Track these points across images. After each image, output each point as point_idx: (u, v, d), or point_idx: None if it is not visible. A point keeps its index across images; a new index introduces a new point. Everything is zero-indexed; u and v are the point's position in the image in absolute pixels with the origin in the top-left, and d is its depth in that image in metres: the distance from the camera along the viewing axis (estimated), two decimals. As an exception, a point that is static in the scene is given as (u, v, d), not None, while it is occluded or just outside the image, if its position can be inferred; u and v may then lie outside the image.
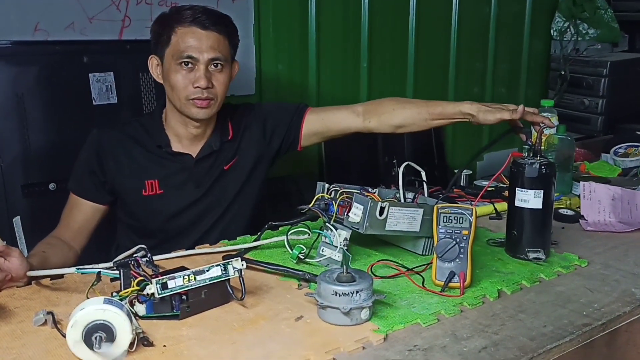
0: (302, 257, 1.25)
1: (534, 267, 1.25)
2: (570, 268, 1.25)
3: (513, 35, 3.18)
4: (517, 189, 1.27)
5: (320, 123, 1.62)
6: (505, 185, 1.81)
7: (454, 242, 1.14)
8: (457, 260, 1.14)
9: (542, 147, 1.30)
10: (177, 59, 1.41)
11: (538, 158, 1.26)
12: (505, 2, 3.08)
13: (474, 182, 1.88)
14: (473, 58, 3.02)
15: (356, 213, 1.22)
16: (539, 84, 3.28)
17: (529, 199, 1.25)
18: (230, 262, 1.05)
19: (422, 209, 1.27)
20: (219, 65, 1.44)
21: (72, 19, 1.92)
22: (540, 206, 1.25)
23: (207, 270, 1.03)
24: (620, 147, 2.14)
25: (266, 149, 1.62)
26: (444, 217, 1.17)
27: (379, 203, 1.22)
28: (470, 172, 1.91)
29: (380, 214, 1.22)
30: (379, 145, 2.60)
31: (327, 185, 1.34)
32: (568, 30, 3.12)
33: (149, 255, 1.07)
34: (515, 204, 1.28)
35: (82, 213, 1.49)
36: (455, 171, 1.90)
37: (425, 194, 1.43)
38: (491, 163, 2.86)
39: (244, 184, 1.58)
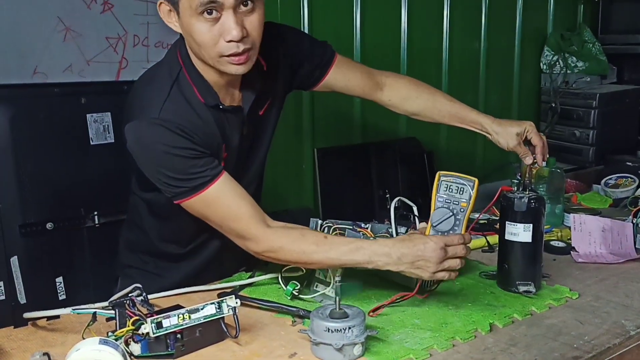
0: (296, 293, 1.26)
1: (525, 300, 1.26)
2: (561, 300, 1.27)
3: (503, 68, 3.24)
4: (506, 222, 1.29)
5: (343, 83, 1.48)
6: (497, 218, 1.83)
7: (451, 213, 1.15)
8: (451, 232, 1.15)
9: (532, 180, 1.33)
10: (196, 8, 1.11)
11: (527, 192, 1.29)
12: (494, 37, 3.14)
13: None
14: (464, 91, 3.07)
15: (348, 249, 1.24)
16: (530, 116, 3.32)
17: (519, 232, 1.28)
18: (224, 300, 1.06)
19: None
20: (249, 3, 1.14)
21: (70, 62, 1.96)
22: (529, 239, 1.27)
23: (202, 309, 1.04)
24: (610, 178, 2.17)
25: (288, 86, 1.43)
26: (445, 184, 1.18)
27: (370, 239, 1.24)
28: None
29: (374, 248, 1.24)
30: (373, 179, 2.63)
31: (320, 222, 1.37)
32: (557, 63, 3.19)
33: (144, 294, 1.08)
34: (506, 238, 1.30)
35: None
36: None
37: (418, 228, 1.45)
38: (484, 194, 2.88)
39: (273, 131, 1.40)
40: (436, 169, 2.89)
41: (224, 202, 1.19)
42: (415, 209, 1.47)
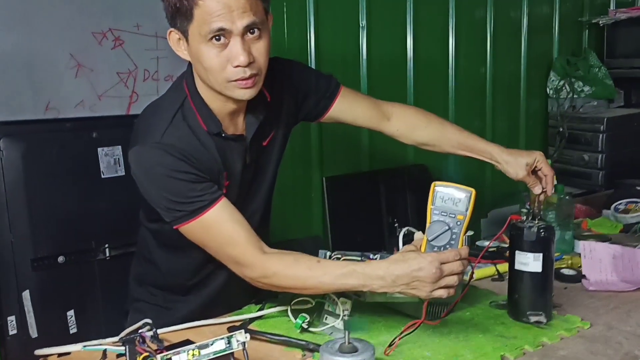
0: (306, 326, 1.26)
1: (537, 330, 1.25)
2: (572, 331, 1.26)
3: (510, 93, 3.25)
4: (516, 252, 1.29)
5: (349, 114, 1.49)
6: (506, 246, 1.83)
7: (447, 226, 1.12)
8: (447, 247, 1.13)
9: (541, 209, 1.33)
10: (205, 35, 1.13)
11: (536, 221, 1.29)
12: (500, 62, 3.15)
13: (476, 243, 1.90)
14: (472, 116, 3.08)
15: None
16: (538, 140, 3.33)
17: (529, 262, 1.27)
18: (234, 335, 1.06)
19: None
20: (256, 31, 1.16)
21: (82, 97, 2.00)
22: (539, 269, 1.27)
23: (212, 344, 1.04)
24: (620, 203, 2.17)
25: (293, 119, 1.44)
26: (440, 196, 1.13)
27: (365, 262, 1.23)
28: (472, 232, 1.93)
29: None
30: (382, 206, 2.63)
31: (328, 253, 1.37)
32: (563, 88, 3.19)
33: (154, 330, 1.08)
34: (516, 267, 1.29)
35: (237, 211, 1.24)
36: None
37: (414, 239, 1.45)
38: (495, 220, 2.88)
39: (278, 163, 1.41)
40: (445, 196, 2.91)
41: (221, 227, 1.21)
42: (419, 234, 1.47)
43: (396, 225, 2.44)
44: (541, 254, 1.27)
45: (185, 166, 1.19)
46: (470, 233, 1.94)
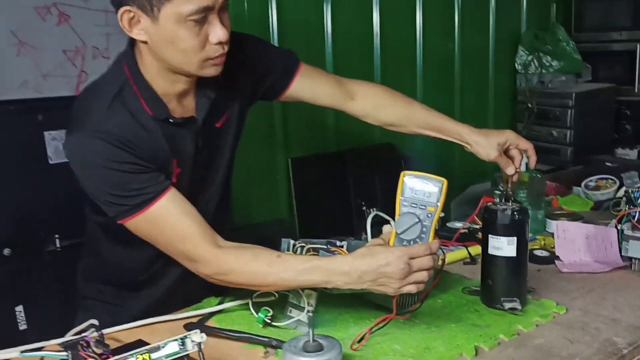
0: (269, 321, 1.18)
1: (511, 317, 1.20)
2: (548, 317, 1.20)
3: (478, 69, 3.20)
4: (489, 236, 1.22)
5: (310, 93, 1.39)
6: (478, 227, 1.77)
7: (417, 219, 1.05)
8: (417, 240, 1.06)
9: (514, 191, 1.27)
10: (188, 14, 1.04)
11: (510, 204, 1.23)
12: (468, 37, 3.10)
13: (447, 224, 1.84)
14: (439, 93, 3.02)
15: (323, 271, 1.16)
16: (507, 116, 3.29)
17: (502, 246, 1.21)
18: (188, 336, 0.97)
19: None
20: (225, 3, 1.10)
21: (25, 77, 1.85)
22: (514, 253, 1.21)
23: (163, 347, 0.95)
24: (590, 180, 2.13)
25: (248, 99, 1.34)
26: (410, 186, 1.07)
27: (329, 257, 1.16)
28: (443, 214, 1.87)
29: (348, 271, 1.16)
30: (350, 187, 2.56)
31: (291, 242, 1.28)
32: (532, 63, 3.15)
33: (99, 332, 0.99)
34: (489, 252, 1.23)
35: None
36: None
37: (382, 233, 1.38)
38: (466, 199, 2.84)
39: (234, 146, 1.32)
40: (414, 175, 2.84)
41: (170, 220, 1.11)
42: (393, 223, 1.40)
43: (364, 208, 2.37)
44: (515, 238, 1.20)
45: (126, 155, 1.09)
46: (441, 215, 1.89)
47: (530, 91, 3.09)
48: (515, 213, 1.21)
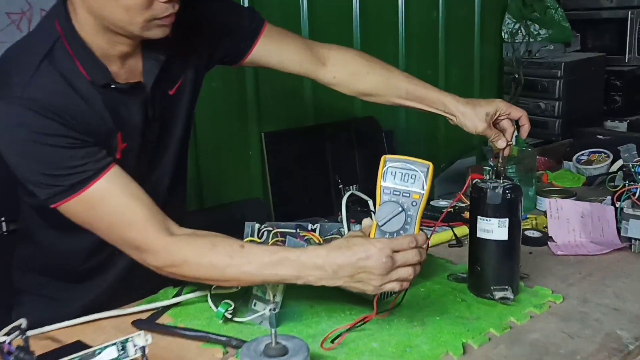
0: (230, 316, 1.04)
1: (503, 308, 1.07)
2: (543, 307, 1.08)
3: (463, 39, 3.06)
4: (478, 217, 1.09)
5: (276, 57, 1.24)
6: (465, 205, 1.64)
7: (401, 208, 0.93)
8: (401, 232, 0.94)
9: (505, 167, 1.13)
10: None
11: (501, 181, 1.09)
12: (453, 6, 2.95)
13: (431, 203, 1.70)
14: (424, 65, 2.88)
15: (290, 260, 1.02)
16: (493, 88, 3.16)
17: (493, 229, 1.08)
18: (130, 339, 0.83)
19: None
20: None
21: (-37, 42, 1.67)
22: (505, 237, 1.08)
23: (99, 353, 0.81)
24: (582, 154, 2.01)
25: (205, 63, 1.20)
26: (391, 172, 0.95)
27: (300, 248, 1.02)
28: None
29: (319, 259, 1.02)
30: (329, 163, 2.41)
31: (257, 226, 1.15)
32: (519, 31, 3.01)
33: (23, 336, 0.84)
34: (477, 235, 1.10)
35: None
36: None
37: (362, 227, 1.24)
38: (450, 175, 2.71)
39: (190, 115, 1.17)
40: (396, 150, 2.70)
41: (111, 203, 0.95)
42: (371, 203, 1.26)
43: (341, 186, 2.23)
44: (507, 219, 1.07)
45: (59, 127, 0.92)
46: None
47: (517, 61, 2.95)
48: (507, 191, 1.07)
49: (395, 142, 2.58)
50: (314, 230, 1.19)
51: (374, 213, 1.25)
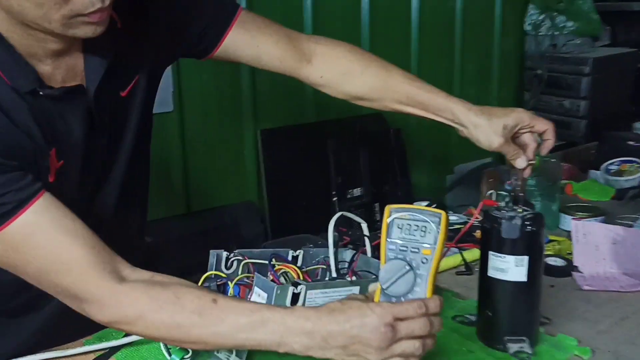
0: (185, 368, 0.86)
1: (517, 365, 0.88)
2: (568, 365, 0.88)
3: (482, 31, 2.86)
4: (490, 253, 0.89)
5: (251, 51, 1.05)
6: (477, 221, 1.45)
7: (408, 266, 0.76)
8: (410, 295, 0.76)
9: (525, 188, 0.93)
10: None
11: (519, 208, 0.89)
12: (471, -6, 2.75)
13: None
14: (438, 57, 2.69)
15: (256, 301, 0.84)
16: (512, 85, 2.96)
17: (508, 268, 0.88)
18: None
19: (358, 287, 0.90)
20: None
21: None
22: (524, 278, 0.88)
23: None
24: (612, 164, 1.79)
25: (166, 57, 1.04)
26: (397, 225, 0.78)
27: (290, 289, 0.83)
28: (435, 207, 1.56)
29: (294, 302, 0.84)
30: (331, 164, 2.23)
31: (225, 254, 0.96)
32: (543, 23, 2.79)
33: None
34: (489, 274, 0.90)
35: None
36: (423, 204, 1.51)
37: (368, 252, 1.06)
38: (464, 179, 2.51)
39: (147, 117, 0.99)
40: (405, 150, 2.51)
41: (40, 243, 0.76)
42: (364, 227, 1.07)
43: (334, 197, 2.04)
44: (527, 257, 0.88)
45: None
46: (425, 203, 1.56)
47: (541, 56, 2.74)
48: (527, 223, 0.88)
49: (403, 142, 2.39)
50: (295, 259, 1.00)
51: (369, 239, 1.06)
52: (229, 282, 0.88)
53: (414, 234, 0.76)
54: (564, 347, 0.93)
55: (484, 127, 0.99)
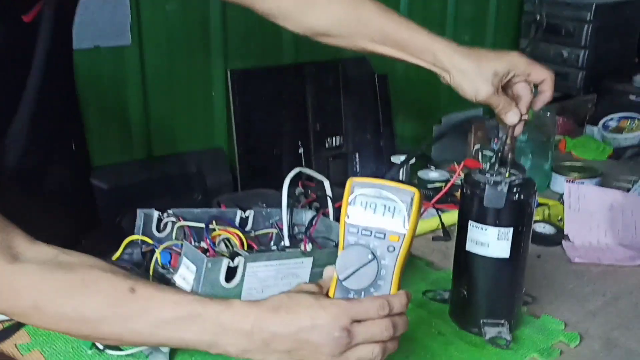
0: (101, 347, 0.73)
1: (493, 353, 0.75)
2: (552, 354, 0.76)
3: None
4: (470, 223, 0.76)
5: None
6: (460, 180, 1.31)
7: (372, 254, 0.61)
8: (372, 290, 0.61)
9: (513, 152, 0.79)
10: None
11: (506, 171, 0.75)
12: None
13: (418, 174, 1.36)
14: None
15: (185, 277, 0.70)
16: (509, 30, 2.75)
17: (489, 241, 0.75)
18: None
19: (311, 258, 0.76)
20: None
21: None
22: (507, 254, 0.75)
23: None
24: (611, 119, 1.65)
25: None
26: (360, 201, 0.62)
27: (224, 261, 0.69)
28: (413, 161, 1.41)
29: (230, 277, 0.70)
30: (308, 111, 2.06)
31: (156, 214, 0.81)
32: (545, -37, 2.58)
33: None
34: (467, 248, 0.77)
35: None
36: (401, 159, 1.37)
37: (331, 216, 0.91)
38: (449, 131, 2.36)
39: (58, 50, 0.83)
40: (390, 97, 2.34)
41: None
42: (327, 184, 0.93)
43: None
44: (511, 229, 0.74)
45: None
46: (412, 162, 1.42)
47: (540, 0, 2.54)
48: (516, 189, 0.73)
49: (388, 88, 2.22)
50: (243, 223, 0.86)
51: (331, 200, 0.92)
52: (156, 249, 0.74)
53: (379, 215, 0.61)
54: (548, 331, 0.81)
55: (471, 73, 0.83)
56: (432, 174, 1.34)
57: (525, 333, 0.80)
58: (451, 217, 1.13)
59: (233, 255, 0.70)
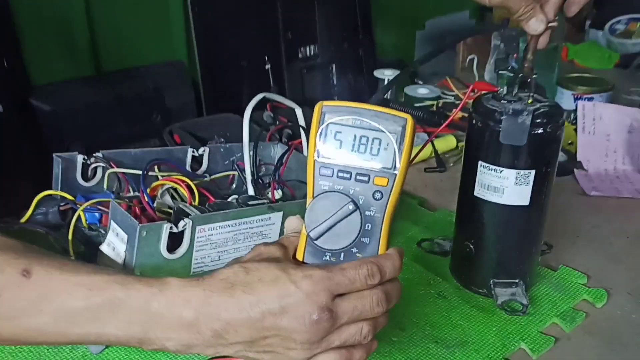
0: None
1: (506, 320, 0.62)
2: (576, 318, 0.63)
3: None
4: (480, 164, 0.60)
5: None
6: (454, 97, 1.14)
7: (353, 203, 0.45)
8: (355, 249, 0.45)
9: (533, 69, 0.61)
10: None
11: (529, 98, 0.58)
12: None
13: (404, 90, 1.19)
14: None
15: (115, 245, 0.54)
16: None
17: (505, 187, 0.59)
18: None
19: (281, 213, 0.60)
20: None
21: None
22: (526, 202, 0.59)
23: None
24: (618, 22, 1.47)
25: None
26: (334, 133, 0.45)
27: (164, 227, 0.52)
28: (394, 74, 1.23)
29: (175, 246, 0.54)
30: (279, 20, 1.83)
31: (80, 159, 0.64)
32: None
33: None
34: (475, 194, 0.61)
35: None
36: (386, 75, 1.20)
37: (305, 150, 0.75)
38: (436, 35, 2.15)
39: None
40: (371, 4, 2.11)
41: None
42: (299, 113, 0.76)
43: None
44: (533, 172, 0.58)
45: None
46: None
47: None
48: (540, 120, 0.57)
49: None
50: (196, 165, 0.69)
51: (304, 130, 0.75)
52: (78, 207, 0.57)
53: (361, 151, 0.44)
54: (569, 288, 0.67)
55: None
56: (421, 90, 1.17)
57: (541, 291, 0.66)
58: (445, 143, 0.98)
59: (177, 217, 0.53)
